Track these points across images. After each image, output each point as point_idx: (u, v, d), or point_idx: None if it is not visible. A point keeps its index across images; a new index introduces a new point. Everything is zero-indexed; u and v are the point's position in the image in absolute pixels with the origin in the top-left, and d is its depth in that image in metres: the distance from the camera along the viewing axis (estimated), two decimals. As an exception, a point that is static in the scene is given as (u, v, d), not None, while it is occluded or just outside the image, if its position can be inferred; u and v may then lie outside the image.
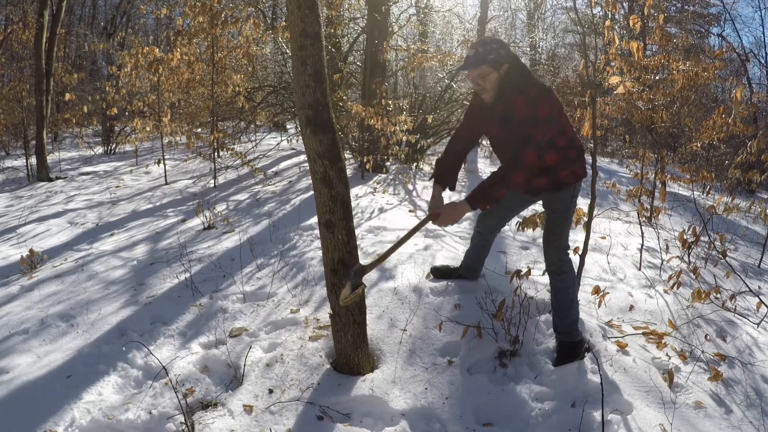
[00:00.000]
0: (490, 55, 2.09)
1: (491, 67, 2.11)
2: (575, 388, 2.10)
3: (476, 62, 2.10)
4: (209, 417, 1.99)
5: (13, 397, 2.13)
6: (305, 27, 1.92)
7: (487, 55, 2.09)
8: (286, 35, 6.36)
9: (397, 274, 3.06)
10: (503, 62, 2.11)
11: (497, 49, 2.10)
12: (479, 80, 2.15)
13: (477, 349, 2.35)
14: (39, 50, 6.72)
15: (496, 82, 2.14)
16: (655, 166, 5.26)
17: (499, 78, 2.13)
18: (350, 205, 2.11)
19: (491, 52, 2.09)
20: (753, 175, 4.51)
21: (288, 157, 8.25)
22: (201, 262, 3.47)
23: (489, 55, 2.09)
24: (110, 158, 8.60)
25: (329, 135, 2.01)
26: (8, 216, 5.00)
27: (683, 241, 3.42)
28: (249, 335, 2.55)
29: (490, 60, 2.09)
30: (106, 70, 10.66)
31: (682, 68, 4.77)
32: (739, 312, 2.91)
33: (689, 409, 2.04)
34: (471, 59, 2.11)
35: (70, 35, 13.49)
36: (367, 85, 6.66)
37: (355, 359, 2.21)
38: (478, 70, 2.12)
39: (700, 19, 17.01)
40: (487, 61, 2.09)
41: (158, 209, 5.08)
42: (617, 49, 2.98)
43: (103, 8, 17.77)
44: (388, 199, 5.32)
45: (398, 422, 1.96)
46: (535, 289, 2.86)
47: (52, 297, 3.03)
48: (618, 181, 7.28)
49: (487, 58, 2.09)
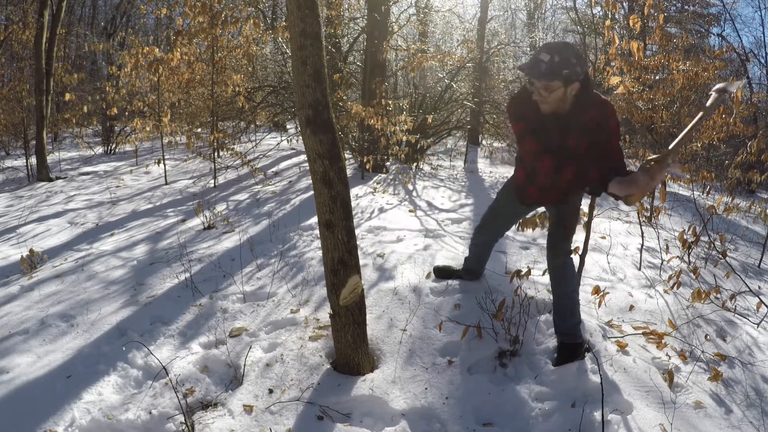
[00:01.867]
0: (566, 69, 1.88)
1: (562, 83, 1.91)
2: (575, 388, 2.10)
3: (549, 75, 1.89)
4: (209, 417, 1.99)
5: (13, 397, 2.13)
6: (305, 27, 1.92)
7: (563, 68, 1.88)
8: (286, 35, 6.36)
9: (397, 274, 3.06)
10: (575, 80, 1.92)
11: (575, 65, 1.89)
12: (543, 91, 1.95)
13: (477, 349, 2.35)
14: (39, 50, 6.72)
15: (561, 98, 1.96)
16: (655, 166, 5.24)
17: (565, 96, 1.96)
18: (350, 205, 2.11)
19: (568, 66, 1.88)
20: (753, 175, 4.51)
21: (288, 157, 8.25)
22: (201, 262, 3.47)
23: (564, 69, 1.88)
24: (110, 158, 8.60)
25: (329, 135, 2.01)
26: (8, 216, 5.00)
27: (683, 241, 3.41)
28: (249, 335, 2.55)
29: (565, 75, 1.89)
30: (106, 70, 10.65)
31: (682, 68, 4.77)
32: (739, 312, 2.91)
33: (689, 409, 2.04)
34: (544, 68, 1.89)
35: (70, 35, 13.49)
36: (367, 85, 6.66)
37: (355, 359, 2.21)
38: (546, 83, 1.92)
39: (700, 19, 17.01)
40: (562, 76, 1.89)
41: (158, 209, 5.08)
42: (617, 49, 2.98)
43: (103, 8, 17.76)
44: (388, 199, 5.32)
45: (398, 422, 1.96)
46: (535, 289, 2.86)
47: (52, 297, 3.03)
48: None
49: (561, 73, 1.89)
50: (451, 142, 11.46)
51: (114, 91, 6.78)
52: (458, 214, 4.82)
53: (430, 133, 8.27)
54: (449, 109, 9.21)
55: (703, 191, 5.49)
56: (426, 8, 10.60)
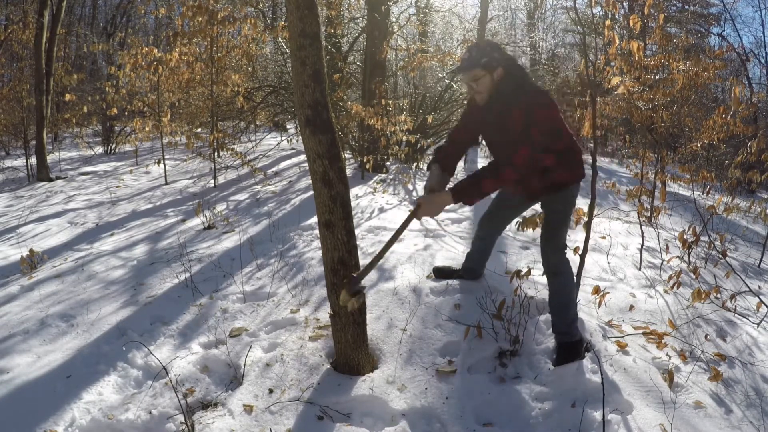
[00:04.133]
0: (484, 58, 2.10)
1: (484, 71, 2.12)
2: (575, 388, 2.10)
3: (469, 65, 2.12)
4: (209, 417, 1.99)
5: (13, 397, 2.13)
6: (304, 27, 1.92)
7: (481, 58, 2.10)
8: (285, 35, 6.36)
9: (397, 274, 3.06)
10: (496, 66, 2.12)
11: (491, 52, 2.11)
12: (472, 83, 2.16)
13: (477, 349, 2.35)
14: (39, 50, 6.73)
15: (490, 86, 2.15)
16: (655, 166, 5.26)
17: (492, 81, 2.14)
18: (350, 205, 2.11)
19: (485, 55, 2.11)
20: (753, 175, 4.51)
21: (288, 157, 8.25)
22: (201, 262, 3.47)
23: (482, 59, 2.10)
24: (110, 158, 8.60)
25: (329, 135, 2.01)
26: (8, 216, 5.00)
27: (683, 241, 3.41)
28: (249, 335, 2.55)
29: (483, 63, 2.10)
30: (106, 70, 10.65)
31: (682, 68, 4.77)
32: (739, 312, 2.91)
33: (689, 409, 2.04)
34: (465, 62, 2.13)
35: (70, 35, 13.50)
36: (367, 85, 6.66)
37: (355, 359, 2.21)
38: (471, 73, 2.13)
39: (700, 19, 17.01)
40: (480, 64, 2.11)
41: (158, 209, 5.08)
42: (617, 49, 2.98)
43: (103, 8, 17.77)
44: (388, 199, 5.32)
45: (398, 422, 1.96)
46: (535, 289, 2.86)
47: (51, 297, 3.03)
48: (618, 181, 7.28)
49: (480, 62, 2.10)
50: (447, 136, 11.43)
51: (114, 91, 6.79)
52: (458, 214, 4.82)
53: (430, 133, 8.27)
54: (449, 109, 9.20)
55: (703, 191, 5.49)
56: (426, 8, 10.60)
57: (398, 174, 6.88)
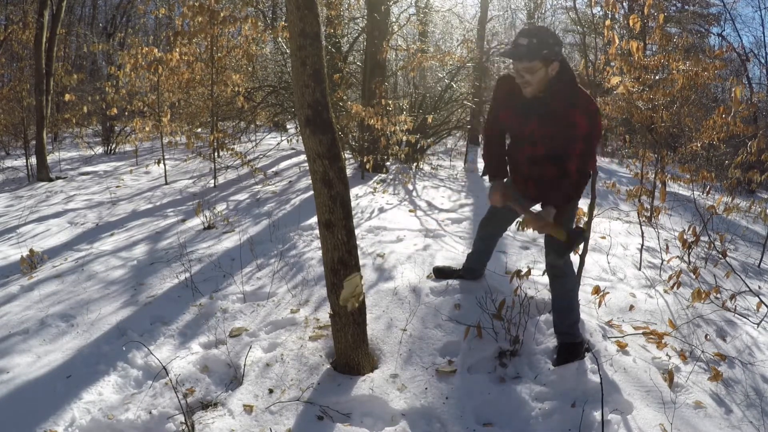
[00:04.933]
0: (545, 49, 1.94)
1: (542, 63, 1.96)
2: (575, 388, 2.10)
3: (529, 55, 1.95)
4: (209, 417, 1.99)
5: (13, 397, 2.13)
6: (304, 27, 1.92)
7: (542, 49, 1.94)
8: (285, 35, 6.36)
9: (397, 274, 3.06)
10: (554, 60, 1.98)
11: (553, 45, 1.95)
12: (525, 73, 2.00)
13: (477, 349, 2.35)
14: (39, 50, 6.72)
15: (543, 79, 2.01)
16: (655, 166, 5.26)
17: (546, 76, 2.00)
18: (350, 205, 2.11)
19: (546, 46, 1.94)
20: (753, 175, 4.50)
21: (288, 157, 8.25)
22: (201, 262, 3.47)
23: (543, 50, 1.94)
24: (110, 158, 8.60)
25: (329, 135, 2.01)
26: (8, 216, 5.00)
27: (683, 241, 3.41)
28: (249, 335, 2.55)
29: (544, 55, 1.95)
30: (106, 70, 10.65)
31: (682, 68, 4.77)
32: (739, 312, 2.91)
33: (689, 409, 2.04)
34: (524, 49, 1.95)
35: (70, 35, 13.49)
36: (367, 85, 6.66)
37: (355, 359, 2.21)
38: (528, 64, 1.97)
39: (700, 19, 17.01)
40: (541, 56, 1.94)
41: (158, 209, 5.08)
42: (617, 48, 2.98)
43: (103, 8, 17.77)
44: (388, 199, 5.32)
45: (398, 422, 1.96)
46: (535, 289, 2.86)
47: (51, 297, 3.03)
48: (618, 181, 7.28)
49: (541, 53, 1.94)
50: (451, 142, 11.46)
51: (114, 91, 6.79)
52: (458, 214, 4.82)
53: (430, 133, 8.27)
54: (449, 109, 9.20)
55: (703, 191, 5.49)
56: (426, 8, 10.60)
57: (398, 174, 6.88)
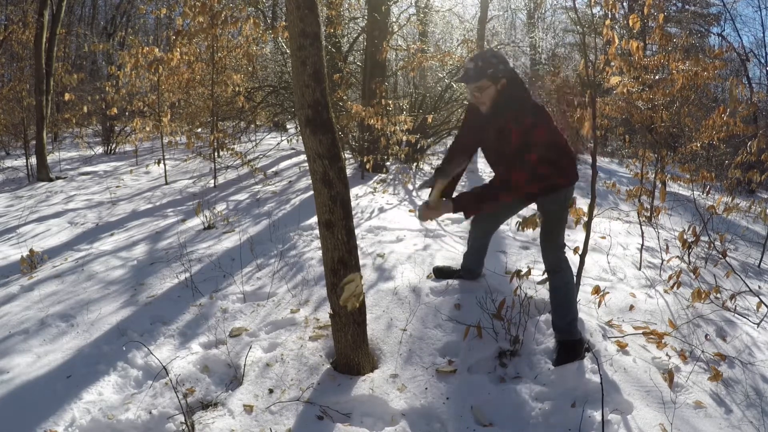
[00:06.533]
0: (489, 69, 2.15)
1: (489, 81, 2.17)
2: (575, 388, 2.10)
3: (476, 76, 2.16)
4: (209, 417, 1.99)
5: (13, 397, 2.13)
6: (304, 27, 1.92)
7: (487, 69, 2.15)
8: (285, 35, 6.36)
9: (397, 274, 3.06)
10: (501, 77, 2.17)
11: (496, 64, 2.16)
12: (477, 93, 2.21)
13: (477, 349, 2.35)
14: (39, 50, 6.72)
15: (494, 96, 2.20)
16: (655, 166, 5.26)
17: (496, 92, 2.20)
18: (350, 205, 2.11)
19: (490, 66, 2.16)
20: (753, 175, 4.50)
21: (288, 157, 8.25)
22: (201, 262, 3.47)
23: (488, 69, 2.15)
24: (110, 158, 8.60)
25: (329, 135, 2.01)
26: (8, 216, 5.00)
27: (683, 241, 3.41)
28: (249, 335, 2.55)
29: (489, 74, 2.15)
30: (106, 70, 10.65)
31: (682, 68, 4.77)
32: (739, 312, 2.91)
33: (689, 409, 2.04)
34: (471, 72, 2.17)
35: (70, 35, 13.49)
36: (367, 85, 6.65)
37: (355, 359, 2.21)
38: (476, 84, 2.18)
39: (700, 19, 17.01)
40: (486, 75, 2.15)
41: (158, 209, 5.08)
42: (617, 48, 2.98)
43: (103, 8, 17.78)
44: (388, 199, 5.32)
45: (398, 422, 1.96)
46: (535, 289, 2.86)
47: (51, 297, 3.03)
48: (618, 181, 7.28)
49: (486, 72, 2.15)
50: (451, 142, 11.44)
51: (114, 91, 6.79)
52: (458, 214, 4.81)
53: (430, 133, 8.26)
54: (449, 109, 9.20)
55: (703, 191, 5.49)
56: (426, 8, 10.59)
57: (398, 174, 6.88)
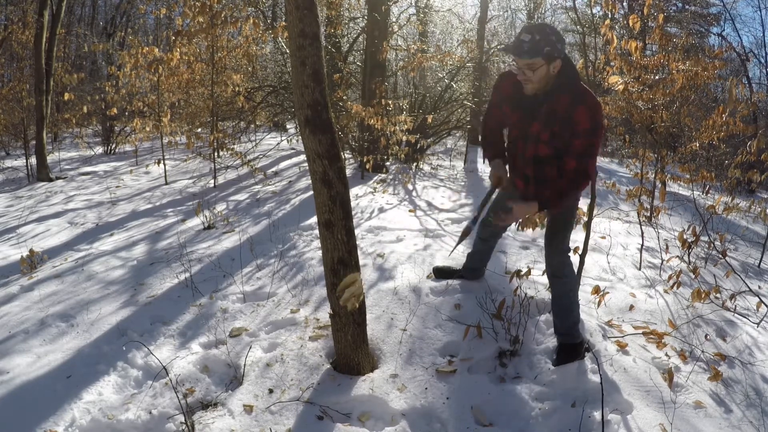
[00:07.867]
0: (547, 47, 1.91)
1: (544, 60, 1.94)
2: (575, 388, 2.10)
3: (531, 52, 1.92)
4: (209, 417, 1.99)
5: (13, 397, 2.13)
6: (304, 27, 1.91)
7: (544, 46, 1.91)
8: (285, 35, 6.36)
9: (397, 274, 3.06)
10: (557, 57, 1.95)
11: (555, 42, 1.93)
12: (527, 70, 1.98)
13: (477, 349, 2.35)
14: (39, 50, 6.72)
15: (545, 76, 1.99)
16: (655, 165, 5.26)
17: (548, 73, 1.98)
18: (350, 205, 2.11)
19: (549, 43, 1.92)
20: (753, 175, 4.50)
21: (288, 157, 8.25)
22: (201, 262, 3.47)
23: (545, 47, 1.91)
24: (110, 158, 8.60)
25: (328, 135, 2.01)
26: (8, 216, 5.00)
27: (683, 241, 3.41)
28: (249, 335, 2.55)
29: (547, 52, 1.92)
30: (106, 70, 10.64)
31: (682, 68, 4.76)
32: (739, 312, 2.91)
33: (689, 409, 2.04)
34: (526, 46, 1.93)
35: (70, 35, 13.49)
36: (367, 85, 6.66)
37: (355, 359, 2.21)
38: (530, 61, 1.94)
39: (700, 19, 17.01)
40: (543, 53, 1.92)
41: (158, 209, 5.08)
42: (617, 48, 2.98)
43: (103, 8, 17.77)
44: (387, 199, 5.32)
45: (398, 422, 1.96)
46: (535, 289, 2.86)
47: (51, 297, 3.03)
48: (618, 181, 7.28)
49: (543, 50, 1.91)
50: (451, 142, 11.45)
51: (114, 91, 6.78)
52: (458, 214, 4.82)
53: (430, 133, 8.27)
54: (449, 109, 9.20)
55: (703, 191, 5.49)
56: (426, 8, 10.59)
57: (398, 174, 6.88)
